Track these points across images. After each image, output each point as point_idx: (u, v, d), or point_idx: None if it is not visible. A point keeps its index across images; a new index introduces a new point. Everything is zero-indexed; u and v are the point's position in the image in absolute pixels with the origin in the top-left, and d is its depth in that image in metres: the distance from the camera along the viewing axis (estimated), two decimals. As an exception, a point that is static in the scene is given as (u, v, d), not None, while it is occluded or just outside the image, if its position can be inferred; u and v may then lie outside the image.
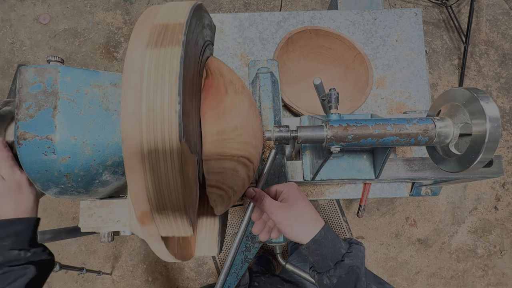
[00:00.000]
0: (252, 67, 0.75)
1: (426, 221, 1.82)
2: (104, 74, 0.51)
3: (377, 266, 1.78)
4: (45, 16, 1.92)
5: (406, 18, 1.03)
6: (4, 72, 1.87)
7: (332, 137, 0.52)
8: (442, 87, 1.93)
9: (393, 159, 0.72)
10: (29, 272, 0.48)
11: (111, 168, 0.51)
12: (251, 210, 0.51)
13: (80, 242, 1.75)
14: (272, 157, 0.53)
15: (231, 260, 0.48)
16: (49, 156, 0.45)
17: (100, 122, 0.48)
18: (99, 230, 0.64)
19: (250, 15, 1.01)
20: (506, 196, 1.84)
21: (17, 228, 0.50)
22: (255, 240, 0.67)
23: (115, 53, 1.91)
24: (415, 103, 0.97)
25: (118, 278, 1.74)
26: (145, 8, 1.93)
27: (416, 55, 1.00)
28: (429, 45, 1.96)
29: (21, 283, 0.47)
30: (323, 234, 0.49)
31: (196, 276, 1.75)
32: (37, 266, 0.50)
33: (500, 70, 1.94)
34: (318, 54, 0.97)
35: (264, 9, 2.00)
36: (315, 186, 0.89)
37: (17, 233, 0.49)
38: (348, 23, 1.02)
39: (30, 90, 0.45)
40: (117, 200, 0.64)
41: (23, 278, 0.47)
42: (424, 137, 0.52)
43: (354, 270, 0.47)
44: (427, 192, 0.87)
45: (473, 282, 1.77)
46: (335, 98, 0.58)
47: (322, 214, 1.79)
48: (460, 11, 2.01)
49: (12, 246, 0.48)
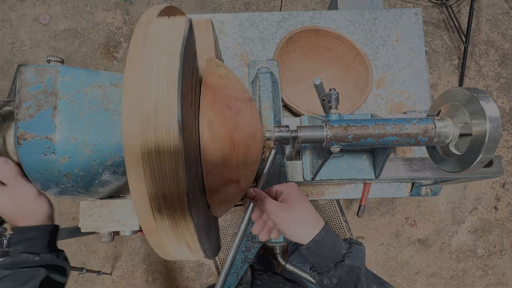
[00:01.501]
0: (252, 67, 0.75)
1: (426, 221, 1.82)
2: (104, 74, 0.51)
3: (377, 266, 1.78)
4: (45, 16, 1.92)
5: (406, 18, 1.03)
6: (4, 72, 1.87)
7: (332, 137, 0.52)
8: (442, 87, 1.93)
9: (393, 159, 0.72)
10: (39, 274, 0.51)
11: (111, 168, 0.51)
12: (251, 210, 0.51)
13: (80, 242, 1.75)
14: (272, 157, 0.53)
15: (231, 260, 0.48)
16: (49, 156, 0.45)
17: (100, 122, 0.48)
18: (99, 230, 0.64)
19: (250, 15, 1.01)
20: (506, 196, 1.84)
21: (30, 234, 0.54)
22: (255, 240, 0.67)
23: (115, 53, 1.91)
24: (415, 103, 0.97)
25: (118, 278, 1.74)
26: (145, 8, 1.93)
27: (416, 55, 1.00)
28: (429, 45, 1.96)
29: (34, 284, 0.50)
30: (323, 235, 0.49)
31: (196, 276, 1.75)
32: (47, 270, 0.52)
33: (500, 70, 1.95)
34: (318, 54, 0.97)
35: (264, 9, 2.00)
36: (315, 186, 0.89)
37: (28, 239, 0.53)
38: (348, 23, 1.02)
39: (30, 90, 0.45)
40: (117, 200, 0.64)
41: (34, 280, 0.50)
42: (424, 137, 0.52)
43: (355, 270, 0.47)
44: (427, 192, 0.87)
45: (473, 282, 1.77)
46: (335, 98, 0.58)
47: (322, 214, 1.79)
48: (460, 11, 2.01)
49: (24, 250, 0.52)
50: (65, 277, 0.57)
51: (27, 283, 0.50)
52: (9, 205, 0.54)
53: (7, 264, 0.51)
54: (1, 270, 0.50)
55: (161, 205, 0.31)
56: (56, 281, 0.54)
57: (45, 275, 0.51)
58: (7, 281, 0.50)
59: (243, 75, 0.97)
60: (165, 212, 0.32)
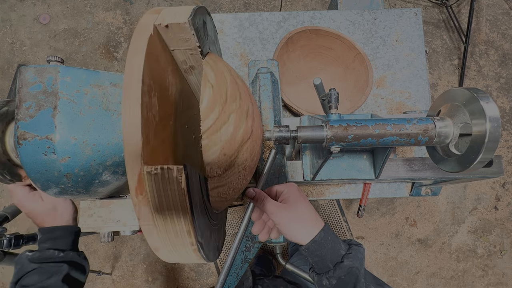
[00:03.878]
0: (252, 67, 0.75)
1: (426, 221, 1.82)
2: (104, 74, 0.51)
3: (377, 266, 1.78)
4: (45, 16, 1.92)
5: (406, 18, 1.03)
6: (4, 72, 1.87)
7: (332, 137, 0.52)
8: (442, 87, 1.93)
9: (393, 159, 0.72)
10: (63, 269, 0.56)
11: (111, 168, 0.51)
12: (251, 210, 0.51)
13: (80, 242, 1.74)
14: (272, 157, 0.53)
15: (231, 260, 0.48)
16: (49, 156, 0.45)
17: (100, 122, 0.48)
18: (99, 230, 0.64)
19: (250, 15, 1.01)
20: (506, 196, 1.84)
21: (56, 233, 0.60)
22: (255, 240, 0.67)
23: (115, 53, 1.91)
24: (415, 103, 0.97)
25: (118, 278, 1.74)
26: (145, 8, 1.93)
27: (416, 55, 1.00)
28: (429, 45, 1.96)
29: (57, 278, 0.55)
30: (323, 235, 0.49)
31: (196, 276, 1.75)
32: (70, 266, 0.58)
33: (500, 70, 1.94)
34: (318, 54, 0.97)
35: (264, 9, 2.00)
36: (315, 186, 0.89)
37: (55, 237, 0.59)
38: (348, 23, 1.02)
39: (30, 90, 0.45)
40: (117, 200, 0.64)
41: (57, 275, 0.55)
42: (424, 137, 0.52)
43: (353, 271, 0.47)
44: (427, 192, 0.87)
45: (473, 282, 1.77)
46: (335, 98, 0.58)
47: (322, 214, 1.79)
48: (460, 11, 2.01)
49: (50, 247, 0.58)
50: (85, 276, 0.62)
51: (52, 277, 0.55)
52: (40, 207, 0.59)
53: (35, 258, 0.56)
54: (30, 263, 0.56)
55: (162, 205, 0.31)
56: (76, 279, 0.59)
57: (67, 271, 0.57)
58: (34, 275, 0.55)
59: (243, 75, 0.97)
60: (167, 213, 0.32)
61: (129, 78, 0.32)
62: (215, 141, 0.41)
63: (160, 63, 0.38)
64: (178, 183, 0.30)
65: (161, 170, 0.30)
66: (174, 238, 0.33)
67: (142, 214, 0.31)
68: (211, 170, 0.42)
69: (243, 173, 0.46)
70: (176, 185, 0.30)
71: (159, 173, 0.30)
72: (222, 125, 0.42)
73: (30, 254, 0.57)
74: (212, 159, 0.42)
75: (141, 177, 0.30)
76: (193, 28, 0.38)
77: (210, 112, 0.41)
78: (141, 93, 0.31)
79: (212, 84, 0.43)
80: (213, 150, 0.41)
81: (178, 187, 0.30)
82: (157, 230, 0.32)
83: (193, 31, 0.38)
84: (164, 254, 0.35)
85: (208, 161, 0.42)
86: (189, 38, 0.40)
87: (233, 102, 0.43)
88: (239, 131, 0.43)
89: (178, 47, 0.41)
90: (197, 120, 0.42)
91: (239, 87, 0.46)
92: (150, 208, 0.31)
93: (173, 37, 0.39)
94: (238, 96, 0.45)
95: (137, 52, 0.33)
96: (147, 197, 0.31)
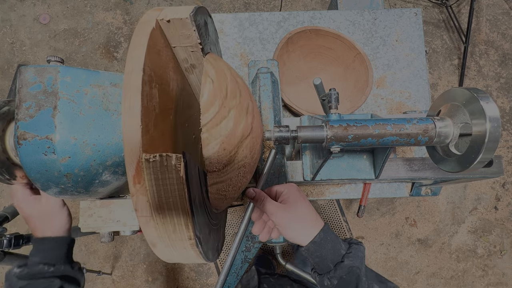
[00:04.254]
0: (252, 67, 0.75)
1: (426, 221, 1.82)
2: (104, 74, 0.51)
3: (377, 266, 1.78)
4: (45, 16, 1.92)
5: (406, 18, 1.03)
6: (4, 72, 1.87)
7: (332, 137, 0.52)
8: (442, 87, 1.93)
9: (393, 159, 0.72)
10: (54, 285, 0.53)
11: (111, 168, 0.51)
12: (251, 210, 0.51)
13: (80, 242, 1.75)
14: (272, 157, 0.53)
15: (231, 260, 0.47)
16: (49, 156, 0.45)
17: (100, 122, 0.48)
18: (99, 230, 0.64)
19: (250, 15, 1.01)
20: (506, 196, 1.84)
21: (47, 245, 0.57)
22: (255, 240, 0.67)
23: (115, 53, 1.91)
24: (415, 103, 0.97)
25: (118, 278, 1.74)
26: (145, 8, 1.93)
27: (416, 55, 1.00)
28: (429, 45, 1.96)
29: None
30: (323, 236, 0.49)
31: (196, 276, 1.75)
32: (62, 280, 0.55)
33: (500, 70, 1.94)
34: (318, 54, 0.97)
35: (264, 9, 2.00)
36: (315, 186, 0.89)
37: (45, 249, 0.56)
38: (348, 23, 1.02)
39: (30, 90, 0.45)
40: (117, 200, 0.64)
41: None
42: (424, 137, 0.52)
43: (354, 270, 0.47)
44: (427, 192, 0.87)
45: (473, 282, 1.77)
46: (335, 98, 0.58)
47: (322, 214, 1.79)
48: (460, 11, 2.01)
49: (40, 261, 0.55)
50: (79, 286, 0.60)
51: None
52: (37, 212, 0.57)
53: (24, 275, 0.53)
54: (18, 280, 0.53)
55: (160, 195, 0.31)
56: None
57: (59, 286, 0.54)
58: None
59: (243, 75, 0.97)
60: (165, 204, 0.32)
61: (130, 67, 0.32)
62: (215, 135, 0.41)
63: (162, 57, 0.38)
64: (177, 171, 0.30)
65: (159, 157, 0.29)
66: (172, 232, 0.32)
67: (139, 204, 0.31)
68: (211, 165, 0.42)
69: (242, 170, 0.46)
70: (175, 173, 0.30)
71: (157, 161, 0.29)
72: (222, 120, 0.42)
73: (18, 271, 0.54)
74: (211, 153, 0.42)
75: (139, 165, 0.30)
76: (195, 24, 0.38)
77: (210, 106, 0.41)
78: (142, 81, 0.31)
79: (213, 80, 0.43)
80: (213, 144, 0.41)
81: (176, 175, 0.30)
82: (154, 222, 0.32)
83: (194, 27, 0.38)
84: (162, 250, 0.34)
85: (207, 155, 0.42)
86: (191, 35, 0.40)
87: (233, 99, 0.43)
88: (239, 126, 0.43)
89: (179, 44, 0.41)
90: (197, 120, 0.42)
91: (239, 85, 0.46)
92: (148, 198, 0.31)
93: (175, 33, 0.40)
94: (238, 93, 0.45)
95: (139, 44, 0.33)
96: (145, 186, 0.30)
